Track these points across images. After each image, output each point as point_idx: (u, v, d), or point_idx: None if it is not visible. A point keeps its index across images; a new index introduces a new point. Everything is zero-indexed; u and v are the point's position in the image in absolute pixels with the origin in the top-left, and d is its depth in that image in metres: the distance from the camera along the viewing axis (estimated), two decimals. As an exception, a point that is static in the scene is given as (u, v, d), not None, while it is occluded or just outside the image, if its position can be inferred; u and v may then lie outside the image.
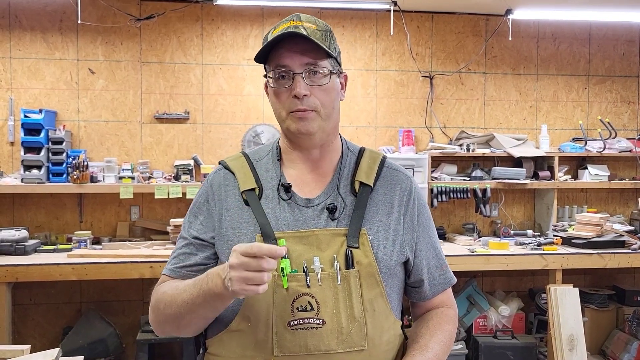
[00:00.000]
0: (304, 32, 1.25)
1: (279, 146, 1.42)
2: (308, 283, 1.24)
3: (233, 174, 1.38)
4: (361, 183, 1.36)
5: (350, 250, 1.27)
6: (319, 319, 1.23)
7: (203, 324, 1.30)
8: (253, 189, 1.35)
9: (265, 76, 1.34)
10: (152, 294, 1.36)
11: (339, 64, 1.36)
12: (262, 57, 1.31)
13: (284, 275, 1.21)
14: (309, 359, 1.23)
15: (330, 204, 1.32)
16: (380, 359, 1.29)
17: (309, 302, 1.23)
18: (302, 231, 1.29)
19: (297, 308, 1.23)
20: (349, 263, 1.27)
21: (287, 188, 1.34)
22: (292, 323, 1.23)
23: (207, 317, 1.27)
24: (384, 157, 1.44)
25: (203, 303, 1.20)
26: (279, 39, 1.26)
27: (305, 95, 1.27)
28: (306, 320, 1.23)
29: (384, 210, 1.35)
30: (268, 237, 1.27)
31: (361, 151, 1.44)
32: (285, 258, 1.21)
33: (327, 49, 1.28)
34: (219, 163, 1.44)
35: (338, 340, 1.23)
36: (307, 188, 1.36)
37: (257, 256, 1.09)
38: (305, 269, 1.25)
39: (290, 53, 1.27)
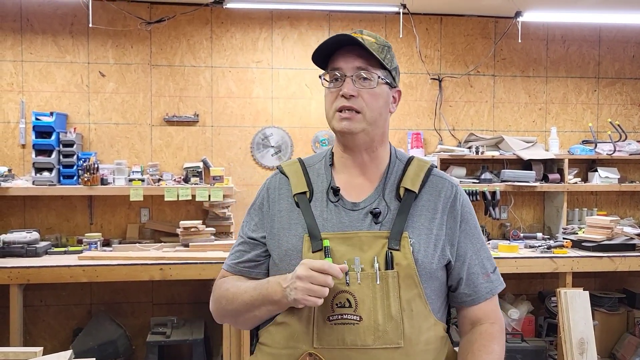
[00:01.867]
0: (360, 41, 1.35)
1: (332, 152, 1.51)
2: (348, 281, 1.31)
3: (288, 178, 1.49)
4: (406, 189, 1.42)
5: (391, 252, 1.34)
6: (357, 316, 1.30)
7: (259, 322, 1.43)
8: (304, 192, 1.44)
9: (321, 78, 1.44)
10: (214, 287, 1.50)
11: (394, 79, 1.45)
12: (323, 62, 1.43)
13: None
14: (346, 352, 1.29)
15: (374, 209, 1.39)
16: (417, 358, 1.32)
17: (347, 299, 1.31)
18: (346, 233, 1.37)
19: (337, 304, 1.31)
20: (389, 264, 1.33)
21: (335, 191, 1.42)
22: (331, 318, 1.31)
23: (263, 318, 1.40)
24: (432, 166, 1.50)
25: (261, 306, 1.35)
26: (334, 40, 1.37)
27: (352, 96, 1.36)
28: (344, 316, 1.30)
29: (427, 215, 1.41)
30: (314, 237, 1.36)
31: (409, 159, 1.50)
32: (329, 257, 1.32)
33: (380, 59, 1.37)
34: (277, 168, 1.55)
35: (374, 336, 1.29)
36: (355, 192, 1.43)
37: (324, 272, 1.23)
38: None
39: (344, 57, 1.38)
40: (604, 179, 4.48)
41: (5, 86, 4.13)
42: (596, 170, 4.53)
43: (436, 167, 1.51)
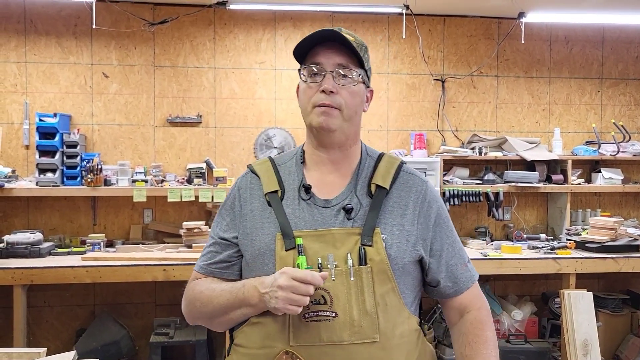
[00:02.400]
0: (346, 37, 1.35)
1: (304, 150, 1.51)
2: None
3: (259, 177, 1.48)
4: (377, 186, 1.42)
5: (364, 248, 1.34)
6: (332, 312, 1.31)
7: (234, 324, 1.42)
8: (276, 191, 1.44)
9: (299, 72, 1.43)
10: (187, 289, 1.49)
11: (369, 79, 1.46)
12: (301, 56, 1.42)
13: None
14: (323, 349, 1.30)
15: (347, 205, 1.39)
16: (393, 351, 1.33)
17: (322, 296, 1.31)
18: (319, 230, 1.37)
19: (312, 301, 1.30)
20: (362, 260, 1.34)
21: (307, 189, 1.42)
22: (306, 315, 1.31)
23: (238, 321, 1.39)
24: (402, 163, 1.50)
25: (236, 310, 1.35)
26: (318, 34, 1.37)
27: (332, 92, 1.36)
28: (320, 313, 1.31)
29: (398, 211, 1.41)
30: (287, 236, 1.36)
31: (380, 156, 1.51)
32: (302, 255, 1.32)
33: (360, 57, 1.38)
34: (247, 167, 1.54)
35: (350, 332, 1.30)
36: (327, 189, 1.43)
37: (307, 282, 1.23)
38: (319, 265, 1.33)
39: (325, 53, 1.38)
40: (608, 179, 4.47)
41: (9, 87, 4.14)
42: (600, 171, 4.52)
43: (406, 163, 1.52)
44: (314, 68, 1.38)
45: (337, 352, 1.29)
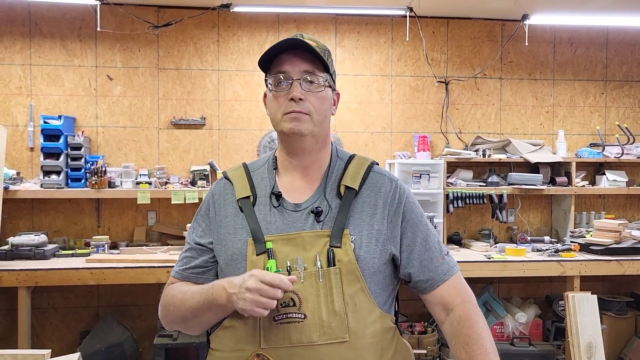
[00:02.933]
0: (311, 45, 1.38)
1: (276, 156, 1.52)
2: None
3: (232, 183, 1.51)
4: (347, 187, 1.44)
5: (332, 250, 1.36)
6: (301, 314, 1.33)
7: (207, 326, 1.44)
8: (248, 197, 1.46)
9: (265, 82, 1.45)
10: (163, 294, 1.51)
11: (334, 82, 1.48)
12: (265, 66, 1.44)
13: None
14: (293, 350, 1.32)
15: (316, 207, 1.41)
16: (364, 351, 1.34)
17: (291, 299, 1.33)
18: (289, 234, 1.39)
19: (281, 304, 1.32)
20: (331, 261, 1.35)
21: (277, 196, 1.44)
22: (276, 318, 1.33)
23: (210, 322, 1.41)
24: (372, 163, 1.51)
25: (206, 311, 1.36)
26: (282, 44, 1.38)
27: (300, 99, 1.37)
28: (289, 315, 1.33)
29: (367, 211, 1.42)
30: (258, 241, 1.39)
31: (350, 158, 1.52)
32: (272, 259, 1.35)
33: (325, 61, 1.40)
34: (222, 174, 1.57)
35: (319, 333, 1.32)
36: (297, 194, 1.45)
37: (274, 286, 1.24)
38: (288, 268, 1.35)
39: (290, 61, 1.40)
40: (612, 182, 4.46)
41: (14, 89, 4.16)
42: (604, 174, 4.50)
43: (377, 164, 1.53)
44: (280, 76, 1.39)
45: (307, 353, 1.31)
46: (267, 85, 1.44)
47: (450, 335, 1.41)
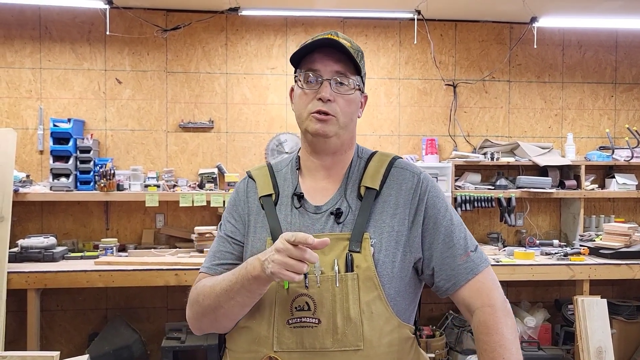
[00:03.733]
0: (346, 47, 1.34)
1: (299, 156, 1.50)
2: (307, 284, 1.31)
3: (255, 181, 1.49)
4: (367, 187, 1.40)
5: (351, 255, 1.32)
6: (315, 318, 1.30)
7: (239, 314, 1.35)
8: (270, 195, 1.44)
9: (295, 78, 1.41)
10: (191, 291, 1.44)
11: (364, 84, 1.45)
12: (297, 60, 1.40)
13: None
14: (305, 355, 1.29)
15: (336, 209, 1.38)
16: None
17: (306, 302, 1.31)
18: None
19: (296, 307, 1.31)
20: (349, 266, 1.32)
21: (299, 197, 1.42)
22: (290, 321, 1.31)
23: (244, 305, 1.32)
24: (394, 158, 1.46)
25: (241, 289, 1.27)
26: (317, 43, 1.35)
27: (329, 100, 1.35)
28: (303, 319, 1.30)
29: (388, 211, 1.38)
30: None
31: (371, 155, 1.48)
32: None
33: (357, 64, 1.37)
34: (246, 173, 1.55)
35: (333, 339, 1.29)
36: (319, 195, 1.43)
37: (299, 245, 1.17)
38: (305, 272, 1.30)
39: (323, 59, 1.36)
40: (622, 185, 4.43)
41: (24, 93, 4.19)
42: (613, 177, 4.48)
43: (400, 158, 1.47)
44: (310, 74, 1.37)
45: (319, 358, 1.28)
46: (295, 81, 1.41)
47: (474, 339, 1.37)
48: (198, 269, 3.78)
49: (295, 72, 1.42)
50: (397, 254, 1.35)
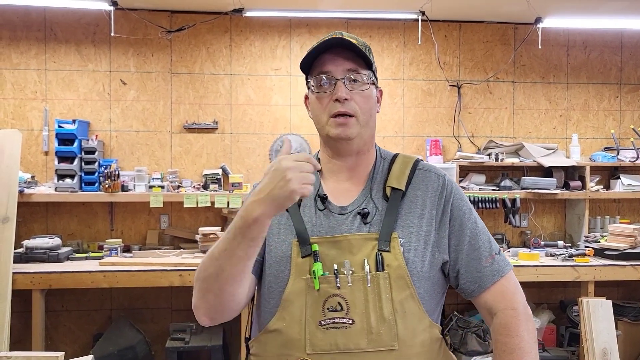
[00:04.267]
0: (353, 42, 1.33)
1: (319, 158, 1.48)
2: (338, 285, 1.29)
3: None
4: (393, 188, 1.39)
5: (381, 254, 1.31)
6: (349, 319, 1.28)
7: (244, 272, 1.26)
8: None
9: (307, 84, 1.40)
10: (194, 280, 1.35)
11: (376, 79, 1.43)
12: (306, 68, 1.39)
13: (315, 278, 1.30)
14: (340, 357, 1.27)
15: (363, 209, 1.36)
16: None
17: (338, 303, 1.29)
18: (335, 236, 1.34)
19: (328, 308, 1.28)
20: (379, 266, 1.30)
21: (323, 199, 1.40)
22: (322, 322, 1.28)
23: (248, 258, 1.23)
24: (417, 160, 1.46)
25: (242, 240, 1.19)
26: (323, 45, 1.34)
27: (346, 99, 1.33)
28: (336, 320, 1.28)
29: (415, 212, 1.38)
30: (304, 242, 1.34)
31: (394, 157, 1.47)
32: (318, 262, 1.30)
33: (367, 58, 1.35)
34: (264, 173, 1.48)
35: (367, 339, 1.27)
36: (343, 197, 1.41)
37: (307, 160, 1.18)
38: (335, 272, 1.30)
39: (333, 60, 1.35)
40: (627, 186, 4.41)
41: (30, 94, 4.21)
42: (619, 178, 4.46)
43: (422, 160, 1.48)
44: (323, 77, 1.35)
45: (353, 359, 1.26)
46: (308, 87, 1.40)
47: (492, 340, 1.38)
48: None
49: (307, 79, 1.40)
50: (426, 253, 1.35)
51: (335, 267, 1.31)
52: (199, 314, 1.35)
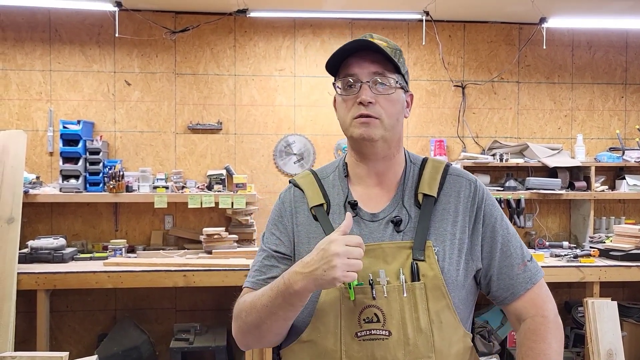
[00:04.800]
0: (378, 45, 1.31)
1: (346, 163, 1.45)
2: (374, 295, 1.27)
3: (302, 191, 1.43)
4: (424, 195, 1.37)
5: (416, 263, 1.29)
6: (385, 330, 1.26)
7: (283, 327, 1.30)
8: (321, 205, 1.39)
9: (334, 85, 1.38)
10: (234, 306, 1.38)
11: (407, 83, 1.40)
12: (333, 69, 1.38)
13: (350, 288, 1.26)
14: None
15: (395, 217, 1.34)
16: None
17: (375, 314, 1.26)
18: (368, 244, 1.30)
19: (364, 319, 1.26)
20: (415, 276, 1.28)
21: (353, 205, 1.37)
22: (359, 334, 1.26)
23: (287, 319, 1.27)
24: (447, 165, 1.44)
25: (283, 303, 1.23)
26: (349, 46, 1.32)
27: (370, 102, 1.30)
28: (373, 331, 1.26)
29: (448, 219, 1.36)
30: None
31: (424, 162, 1.45)
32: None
33: (395, 62, 1.33)
34: (289, 182, 1.49)
35: (404, 351, 1.25)
36: (373, 203, 1.38)
37: (359, 245, 1.16)
38: (371, 282, 1.28)
39: (359, 63, 1.32)
40: (632, 186, 4.39)
41: (35, 95, 4.22)
42: (624, 178, 4.44)
43: (452, 165, 1.45)
44: (349, 79, 1.33)
45: None
46: (335, 90, 1.38)
47: (517, 345, 1.37)
48: (206, 270, 3.78)
49: (334, 81, 1.38)
50: (460, 262, 1.33)
51: (370, 276, 1.28)
52: (237, 342, 1.40)
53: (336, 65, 1.37)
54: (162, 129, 4.34)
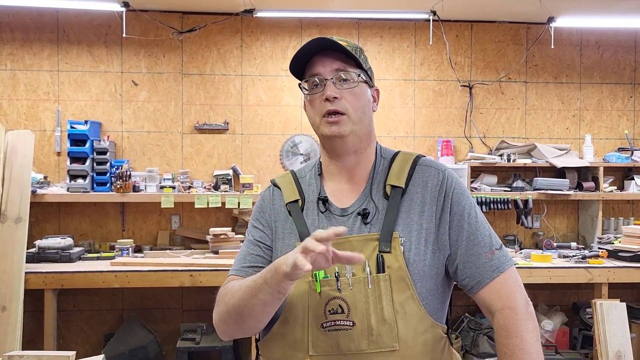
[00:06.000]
0: (337, 42, 1.35)
1: (320, 162, 1.50)
2: (339, 287, 1.32)
3: (280, 189, 1.49)
4: (392, 186, 1.39)
5: (382, 255, 1.32)
6: (349, 321, 1.30)
7: (262, 311, 1.28)
8: (296, 201, 1.44)
9: (300, 88, 1.43)
10: (218, 292, 1.41)
11: (370, 78, 1.45)
12: (299, 72, 1.43)
13: (316, 281, 1.32)
14: (341, 358, 1.30)
15: (363, 209, 1.37)
16: None
17: (339, 305, 1.31)
18: (336, 241, 1.28)
19: (329, 311, 1.31)
20: (380, 267, 1.31)
21: (324, 201, 1.42)
22: (324, 325, 1.31)
23: (266, 303, 1.26)
24: (418, 157, 1.45)
25: (264, 285, 1.23)
26: (308, 46, 1.37)
27: (335, 97, 1.35)
28: (337, 322, 1.31)
29: (416, 209, 1.37)
30: None
31: (395, 155, 1.46)
32: None
33: (356, 58, 1.38)
34: (270, 181, 1.55)
35: (368, 341, 1.29)
36: (344, 198, 1.42)
37: (326, 239, 1.15)
38: (336, 275, 1.32)
39: (322, 61, 1.38)
40: (641, 187, 4.36)
41: (42, 95, 4.24)
42: (633, 179, 4.41)
43: (424, 156, 1.45)
44: (315, 79, 1.38)
45: None
46: (302, 91, 1.42)
47: (495, 342, 1.36)
48: (213, 270, 3.78)
49: (299, 84, 1.43)
50: (427, 252, 1.34)
51: (337, 269, 1.32)
52: (217, 330, 1.41)
53: (301, 70, 1.42)
54: (169, 129, 4.35)
